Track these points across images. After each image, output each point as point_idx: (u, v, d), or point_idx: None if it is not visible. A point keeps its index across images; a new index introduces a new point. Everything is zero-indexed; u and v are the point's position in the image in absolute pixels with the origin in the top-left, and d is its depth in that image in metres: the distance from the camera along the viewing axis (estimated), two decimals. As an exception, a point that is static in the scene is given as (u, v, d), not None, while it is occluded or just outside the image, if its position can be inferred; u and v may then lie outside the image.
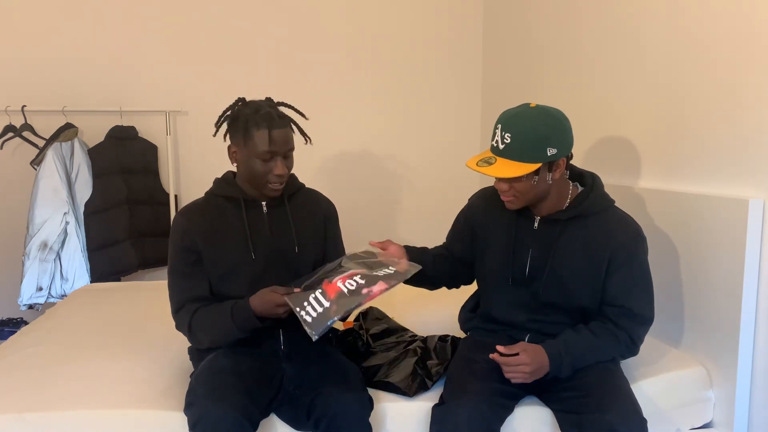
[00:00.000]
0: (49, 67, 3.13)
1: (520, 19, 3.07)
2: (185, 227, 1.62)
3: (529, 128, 1.46)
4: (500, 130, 1.48)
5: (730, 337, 1.69)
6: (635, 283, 1.56)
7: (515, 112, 1.50)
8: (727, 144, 1.74)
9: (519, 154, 1.46)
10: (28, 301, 2.91)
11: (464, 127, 3.64)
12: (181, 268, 1.62)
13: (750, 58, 1.65)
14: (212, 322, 1.58)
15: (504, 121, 1.49)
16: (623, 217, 1.60)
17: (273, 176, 1.59)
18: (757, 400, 1.68)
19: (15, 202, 3.15)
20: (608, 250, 1.54)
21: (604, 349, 1.55)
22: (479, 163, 1.49)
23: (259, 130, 1.55)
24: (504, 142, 1.47)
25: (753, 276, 1.64)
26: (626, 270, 1.55)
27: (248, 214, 1.66)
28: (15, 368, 1.75)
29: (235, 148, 1.63)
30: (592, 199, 1.58)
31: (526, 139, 1.45)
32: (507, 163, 1.46)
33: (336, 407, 1.43)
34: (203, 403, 1.38)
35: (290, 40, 3.37)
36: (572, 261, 1.57)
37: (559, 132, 1.48)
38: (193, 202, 1.70)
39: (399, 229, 3.64)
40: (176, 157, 3.33)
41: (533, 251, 1.61)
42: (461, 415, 1.41)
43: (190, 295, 1.61)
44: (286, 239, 1.69)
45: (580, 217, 1.57)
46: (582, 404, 1.45)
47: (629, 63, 2.17)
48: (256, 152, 1.56)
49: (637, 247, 1.57)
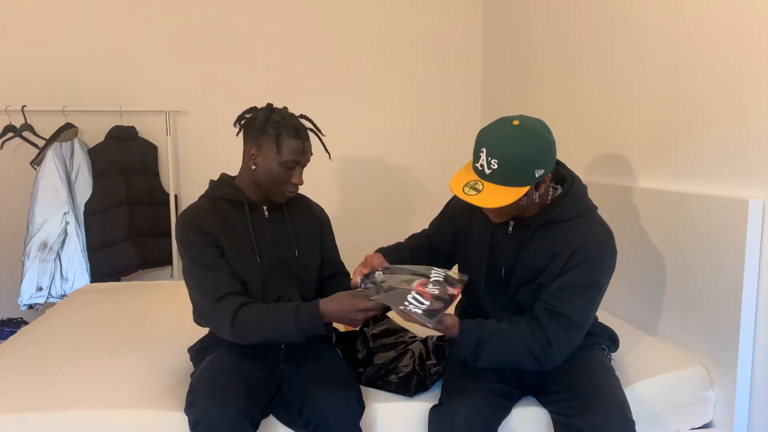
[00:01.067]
0: (49, 67, 3.13)
1: (520, 20, 3.07)
2: (200, 225, 1.59)
3: (517, 152, 1.40)
4: (485, 154, 1.42)
5: (730, 337, 1.69)
6: (575, 285, 1.48)
7: (499, 135, 1.42)
8: (727, 144, 1.74)
9: (507, 180, 1.41)
10: (28, 301, 2.91)
11: (464, 127, 3.64)
12: (207, 260, 1.57)
13: (750, 59, 1.65)
14: (269, 319, 1.50)
15: (488, 144, 1.42)
16: (595, 224, 1.54)
17: (291, 185, 1.63)
18: (757, 400, 1.68)
19: (15, 202, 3.15)
20: (569, 250, 1.49)
21: (511, 341, 1.47)
22: (466, 191, 1.44)
23: (291, 140, 1.59)
24: (491, 167, 1.41)
25: (753, 276, 1.64)
26: (575, 272, 1.48)
27: (252, 218, 1.67)
28: (15, 368, 1.75)
29: (256, 151, 1.62)
30: (564, 206, 1.53)
31: (513, 164, 1.40)
32: (495, 189, 1.42)
33: (323, 409, 1.43)
34: (204, 402, 1.38)
35: (290, 41, 3.37)
36: (540, 263, 1.54)
37: (545, 152, 1.43)
38: (196, 206, 1.66)
39: (399, 229, 3.64)
40: (176, 157, 3.33)
41: (507, 255, 1.60)
42: (459, 415, 1.41)
43: (228, 288, 1.55)
44: (286, 243, 1.70)
45: (553, 223, 1.54)
46: (570, 406, 1.45)
47: (629, 63, 2.17)
48: (283, 160, 1.59)
49: (595, 253, 1.49)
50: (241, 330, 1.51)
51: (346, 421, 1.44)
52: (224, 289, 1.54)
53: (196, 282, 1.57)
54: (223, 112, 3.33)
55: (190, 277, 1.58)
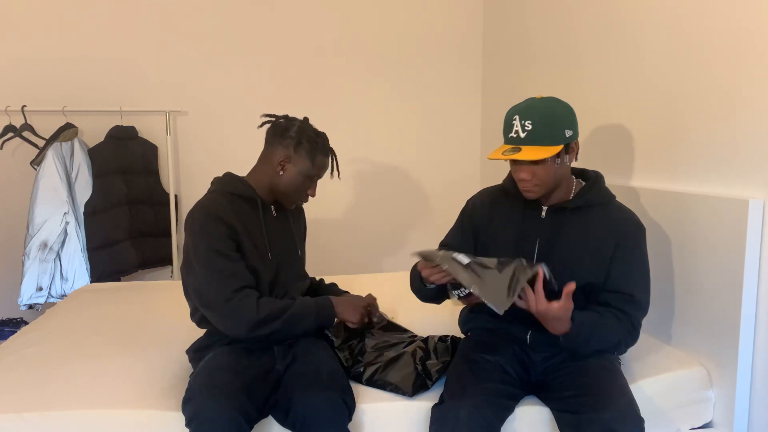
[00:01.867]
0: (49, 67, 3.13)
1: (520, 20, 3.07)
2: (222, 217, 1.60)
3: (548, 112, 1.53)
4: (519, 119, 1.54)
5: (730, 337, 1.69)
6: (638, 270, 1.62)
7: (528, 104, 1.56)
8: (727, 144, 1.74)
9: (542, 138, 1.52)
10: (28, 301, 2.91)
11: (464, 127, 3.64)
12: (227, 251, 1.58)
13: (749, 58, 1.65)
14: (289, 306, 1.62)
15: (520, 111, 1.55)
16: (625, 210, 1.68)
17: (305, 196, 1.76)
18: (757, 400, 1.68)
19: (15, 202, 3.15)
20: (613, 238, 1.61)
21: (609, 329, 1.57)
22: (505, 153, 1.53)
23: (322, 156, 1.72)
24: (525, 129, 1.53)
25: (753, 276, 1.64)
26: (629, 258, 1.61)
27: (264, 216, 1.73)
28: (15, 368, 1.75)
29: (286, 159, 1.69)
30: (595, 190, 1.66)
31: (546, 122, 1.52)
32: (532, 149, 1.52)
33: (306, 408, 1.42)
34: (199, 399, 1.38)
35: (290, 41, 3.37)
36: (578, 247, 1.62)
37: (572, 114, 1.58)
38: (213, 198, 1.66)
39: (399, 229, 3.64)
40: (176, 157, 3.33)
41: (540, 240, 1.65)
42: (461, 414, 1.41)
43: (247, 280, 1.59)
44: (291, 242, 1.81)
45: (585, 207, 1.65)
46: (580, 403, 1.45)
47: (629, 63, 2.18)
48: (310, 173, 1.71)
49: (639, 238, 1.64)
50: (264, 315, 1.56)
51: (330, 422, 1.42)
52: (245, 281, 1.59)
53: (211, 272, 1.55)
54: (223, 112, 3.33)
55: (205, 267, 1.56)
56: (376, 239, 3.62)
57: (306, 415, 1.42)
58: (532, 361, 1.66)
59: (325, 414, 1.42)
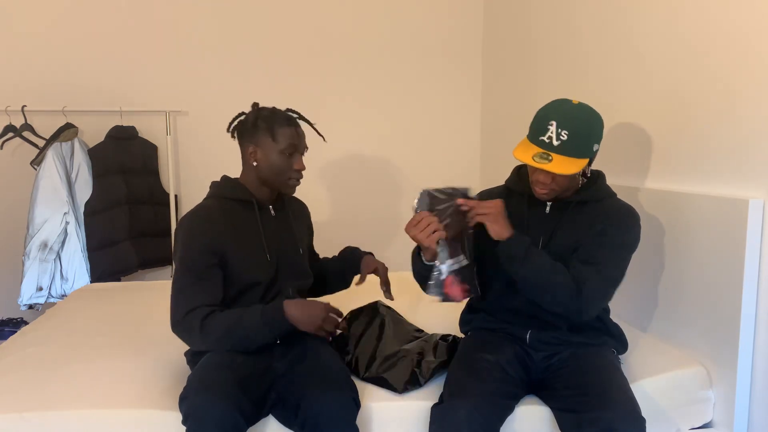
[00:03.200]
0: (49, 67, 3.13)
1: (520, 20, 3.07)
2: (206, 229, 1.61)
3: (585, 126, 1.54)
4: (555, 126, 1.54)
5: (730, 337, 1.69)
6: (607, 244, 1.60)
7: (567, 109, 1.55)
8: (727, 144, 1.74)
9: (574, 151, 1.53)
10: (28, 301, 2.91)
11: (464, 127, 3.64)
12: (198, 270, 1.59)
13: (750, 58, 1.65)
14: (234, 321, 1.54)
15: (559, 118, 1.54)
16: (625, 203, 1.69)
17: (294, 171, 1.70)
18: (757, 400, 1.68)
19: (15, 202, 3.15)
20: (601, 222, 1.63)
21: (551, 272, 1.56)
22: (536, 159, 1.53)
23: (283, 127, 1.68)
24: (560, 138, 1.53)
25: (753, 276, 1.64)
26: (608, 233, 1.61)
27: (261, 217, 1.72)
28: (15, 368, 1.75)
29: (254, 148, 1.69)
30: (597, 186, 1.69)
31: (582, 135, 1.53)
32: (563, 160, 1.53)
33: (318, 408, 1.43)
34: (194, 396, 1.38)
35: (290, 41, 3.37)
36: (575, 235, 1.64)
37: (601, 129, 1.60)
38: (204, 207, 1.67)
39: (398, 229, 3.64)
40: (176, 157, 3.33)
41: (545, 234, 1.67)
42: (461, 414, 1.41)
43: (204, 300, 1.57)
44: (291, 241, 1.78)
45: (586, 202, 1.67)
46: (581, 403, 1.45)
47: (629, 63, 2.18)
48: (281, 147, 1.66)
49: (628, 222, 1.62)
50: (207, 334, 1.54)
51: (342, 422, 1.43)
52: (200, 300, 1.56)
53: (177, 287, 1.59)
54: (223, 112, 3.33)
55: (173, 284, 1.61)
56: (376, 239, 3.62)
57: (318, 415, 1.42)
58: (532, 360, 1.66)
59: (337, 413, 1.43)
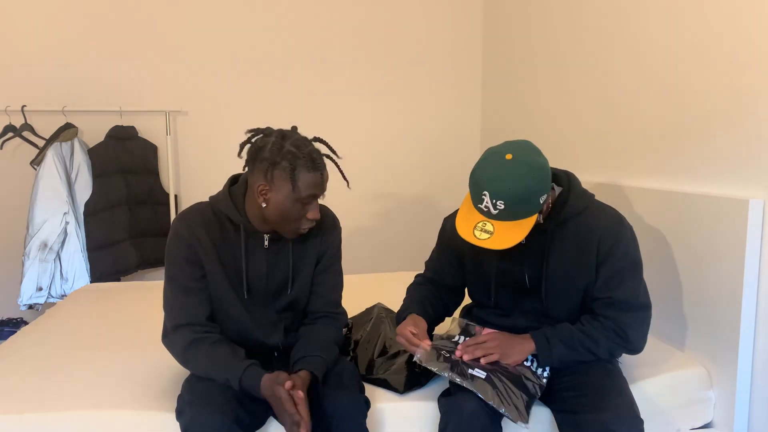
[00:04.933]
0: (49, 67, 3.13)
1: (520, 20, 3.07)
2: (188, 240, 1.50)
3: (521, 189, 1.41)
4: (489, 197, 1.42)
5: (730, 337, 1.69)
6: (620, 271, 1.54)
7: (498, 175, 1.42)
8: (727, 144, 1.74)
9: (516, 215, 1.44)
10: (28, 301, 2.91)
11: (464, 127, 3.64)
12: (183, 281, 1.50)
13: (750, 58, 1.65)
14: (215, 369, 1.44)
15: (490, 187, 1.42)
16: (603, 209, 1.61)
17: (306, 220, 1.48)
18: (757, 400, 1.68)
19: (15, 202, 3.15)
20: (594, 240, 1.55)
21: (594, 337, 1.52)
22: (478, 234, 1.45)
23: (309, 173, 1.41)
24: (497, 208, 1.43)
25: (753, 276, 1.64)
26: (611, 259, 1.54)
27: (248, 245, 1.53)
28: (15, 368, 1.75)
29: (265, 187, 1.43)
30: (572, 200, 1.58)
31: (520, 200, 1.42)
32: (506, 227, 1.44)
33: (333, 410, 1.43)
34: (191, 410, 1.36)
35: (290, 41, 3.37)
36: (565, 261, 1.58)
37: (545, 178, 1.45)
38: (194, 212, 1.55)
39: (397, 229, 3.64)
40: (176, 157, 3.33)
41: (529, 262, 1.61)
42: (466, 410, 1.42)
43: (191, 317, 1.49)
44: (282, 278, 1.57)
45: (566, 221, 1.58)
46: (579, 404, 1.46)
47: (629, 63, 2.17)
48: (300, 196, 1.42)
49: (620, 234, 1.55)
50: (188, 362, 1.49)
51: (354, 422, 1.44)
52: (186, 317, 1.48)
53: (165, 296, 1.54)
54: (223, 112, 3.33)
55: (164, 289, 1.54)
56: (375, 239, 3.62)
57: (333, 417, 1.42)
58: None
59: (352, 414, 1.43)
